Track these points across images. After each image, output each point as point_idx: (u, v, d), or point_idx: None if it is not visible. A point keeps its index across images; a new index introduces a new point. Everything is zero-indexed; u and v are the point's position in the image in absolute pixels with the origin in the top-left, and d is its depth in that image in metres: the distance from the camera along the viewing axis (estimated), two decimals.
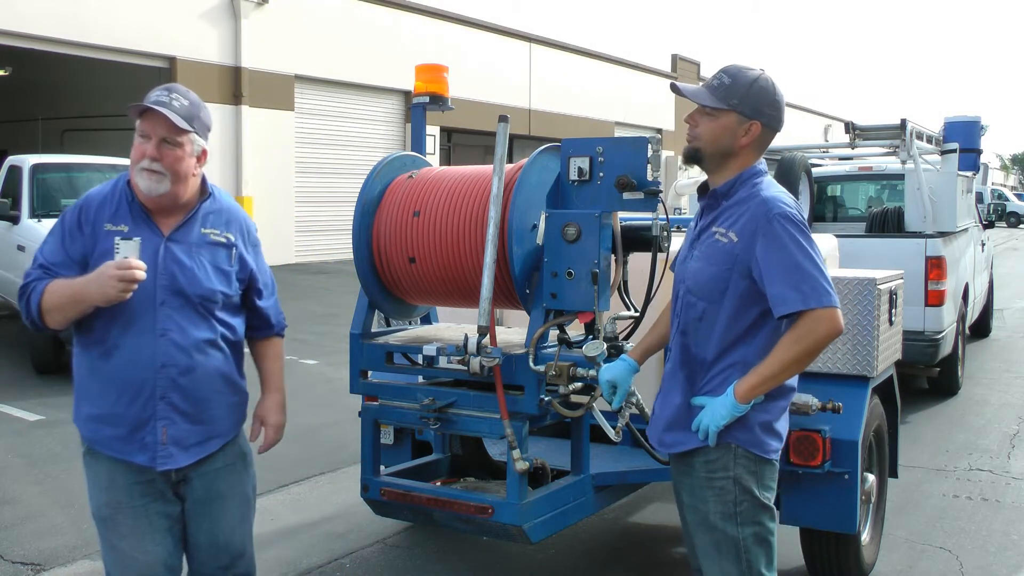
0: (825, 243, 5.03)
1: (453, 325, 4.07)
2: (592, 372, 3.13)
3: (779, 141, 3.46)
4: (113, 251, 2.60)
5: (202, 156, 2.81)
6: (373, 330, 3.74)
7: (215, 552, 2.89)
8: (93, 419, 2.75)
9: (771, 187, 2.69)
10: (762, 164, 2.76)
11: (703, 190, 2.82)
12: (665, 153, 26.60)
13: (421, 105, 4.20)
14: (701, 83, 2.86)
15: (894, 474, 4.70)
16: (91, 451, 2.80)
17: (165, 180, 2.70)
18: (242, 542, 2.95)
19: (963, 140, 8.19)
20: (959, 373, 8.49)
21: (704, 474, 2.68)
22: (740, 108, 2.65)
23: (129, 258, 2.57)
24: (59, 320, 2.68)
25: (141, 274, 2.57)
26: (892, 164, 8.79)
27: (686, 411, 2.71)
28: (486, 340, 3.17)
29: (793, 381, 2.74)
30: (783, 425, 2.74)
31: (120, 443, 2.73)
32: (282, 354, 3.14)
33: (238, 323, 2.93)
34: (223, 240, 2.85)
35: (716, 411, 2.60)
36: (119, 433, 2.72)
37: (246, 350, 3.08)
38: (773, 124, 2.71)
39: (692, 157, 2.77)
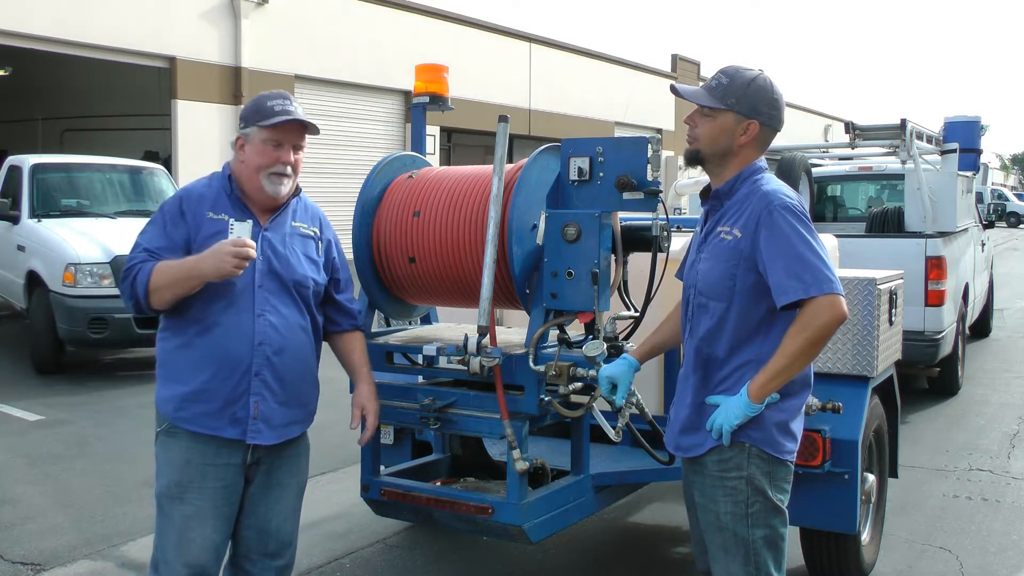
0: (825, 243, 5.01)
1: (453, 325, 4.07)
2: (592, 372, 3.13)
3: (779, 141, 3.46)
4: (226, 232, 2.77)
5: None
6: (373, 330, 3.75)
7: (263, 538, 2.95)
8: (182, 397, 2.82)
9: (772, 182, 2.69)
10: (762, 162, 2.76)
11: (706, 194, 2.82)
12: (665, 153, 26.62)
13: (421, 105, 4.20)
14: (701, 84, 2.86)
15: (894, 474, 4.70)
16: (171, 429, 2.85)
17: (291, 182, 2.95)
18: (291, 532, 3.03)
19: (963, 140, 8.19)
20: (959, 373, 8.49)
21: (717, 473, 2.66)
22: (737, 107, 2.66)
23: (242, 237, 2.73)
24: (167, 298, 2.78)
25: (254, 252, 2.74)
26: (892, 164, 8.79)
27: (699, 414, 2.70)
28: (486, 340, 3.18)
29: (808, 379, 2.73)
30: (798, 426, 2.72)
31: (210, 419, 2.81)
32: (366, 348, 3.24)
33: (320, 317, 3.08)
34: (311, 233, 3.05)
35: (730, 410, 2.58)
36: (210, 408, 2.80)
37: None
38: (772, 123, 2.71)
39: (693, 159, 2.77)
